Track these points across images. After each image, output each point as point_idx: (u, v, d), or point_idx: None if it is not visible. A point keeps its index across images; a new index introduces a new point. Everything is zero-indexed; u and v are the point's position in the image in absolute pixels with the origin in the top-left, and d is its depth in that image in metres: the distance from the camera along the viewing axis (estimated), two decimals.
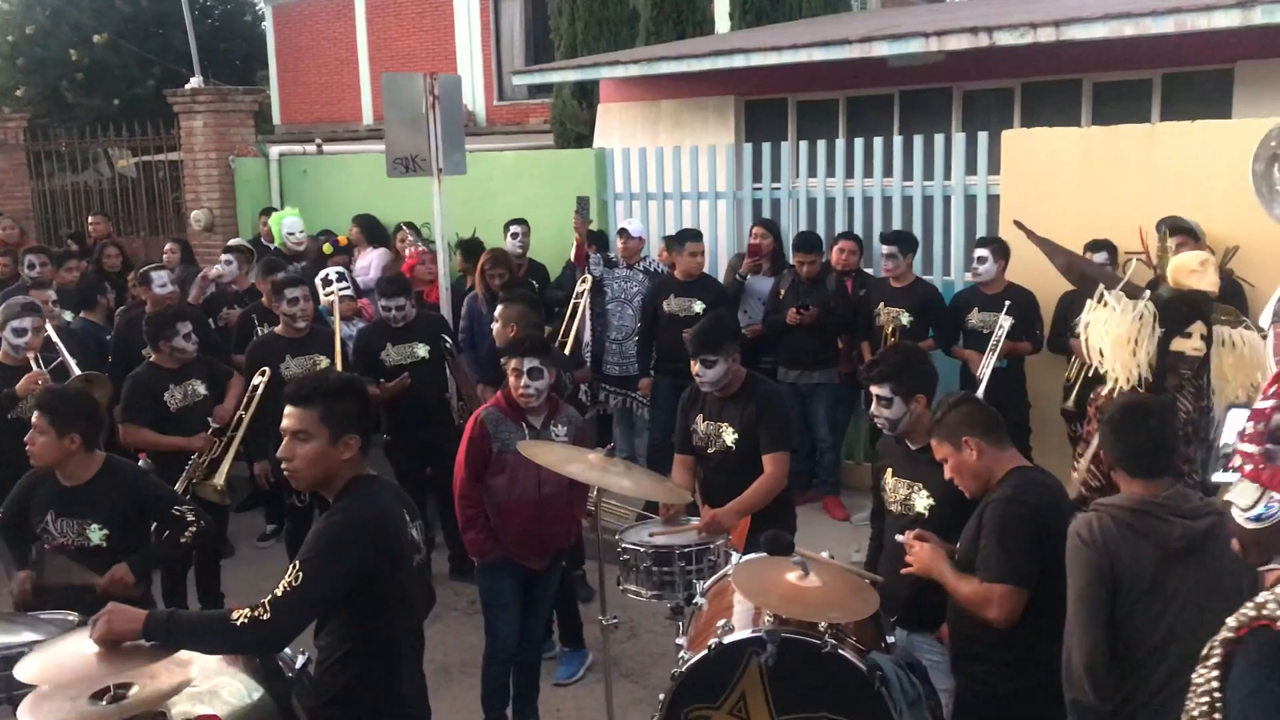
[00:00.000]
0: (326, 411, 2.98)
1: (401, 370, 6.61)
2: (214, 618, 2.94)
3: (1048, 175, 7.08)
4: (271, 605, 2.83)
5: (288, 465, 3.05)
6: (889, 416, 3.96)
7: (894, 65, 9.56)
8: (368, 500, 2.99)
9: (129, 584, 4.16)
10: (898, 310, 7.10)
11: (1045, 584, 3.30)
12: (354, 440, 3.00)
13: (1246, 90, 8.60)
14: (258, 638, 2.86)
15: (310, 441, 2.98)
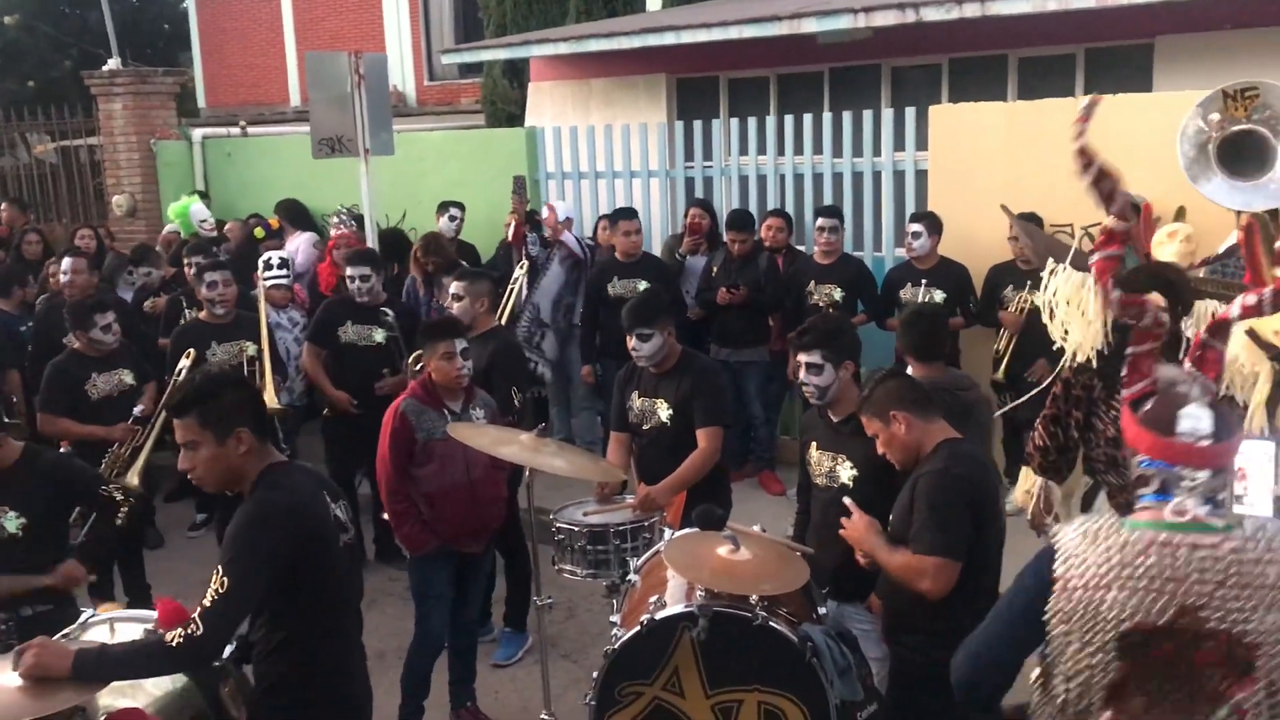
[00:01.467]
0: (204, 416, 2.91)
1: (353, 349, 6.52)
2: (147, 645, 2.87)
3: (974, 150, 7.16)
4: (203, 618, 2.78)
5: (191, 475, 3.00)
6: (818, 384, 3.98)
7: (823, 42, 9.58)
8: (281, 488, 2.94)
9: (80, 578, 4.08)
10: (830, 287, 7.14)
11: (976, 555, 3.34)
12: (244, 434, 2.93)
13: (1166, 64, 8.75)
14: (195, 654, 2.82)
15: (201, 448, 2.93)
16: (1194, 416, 2.27)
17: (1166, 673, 2.21)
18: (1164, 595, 2.18)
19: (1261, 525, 2.20)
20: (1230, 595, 2.14)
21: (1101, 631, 2.24)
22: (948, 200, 7.21)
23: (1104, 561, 2.24)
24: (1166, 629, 2.19)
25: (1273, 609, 2.11)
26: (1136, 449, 2.33)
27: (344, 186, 8.88)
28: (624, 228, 7.37)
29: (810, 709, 3.20)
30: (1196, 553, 2.18)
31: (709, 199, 8.47)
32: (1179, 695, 2.22)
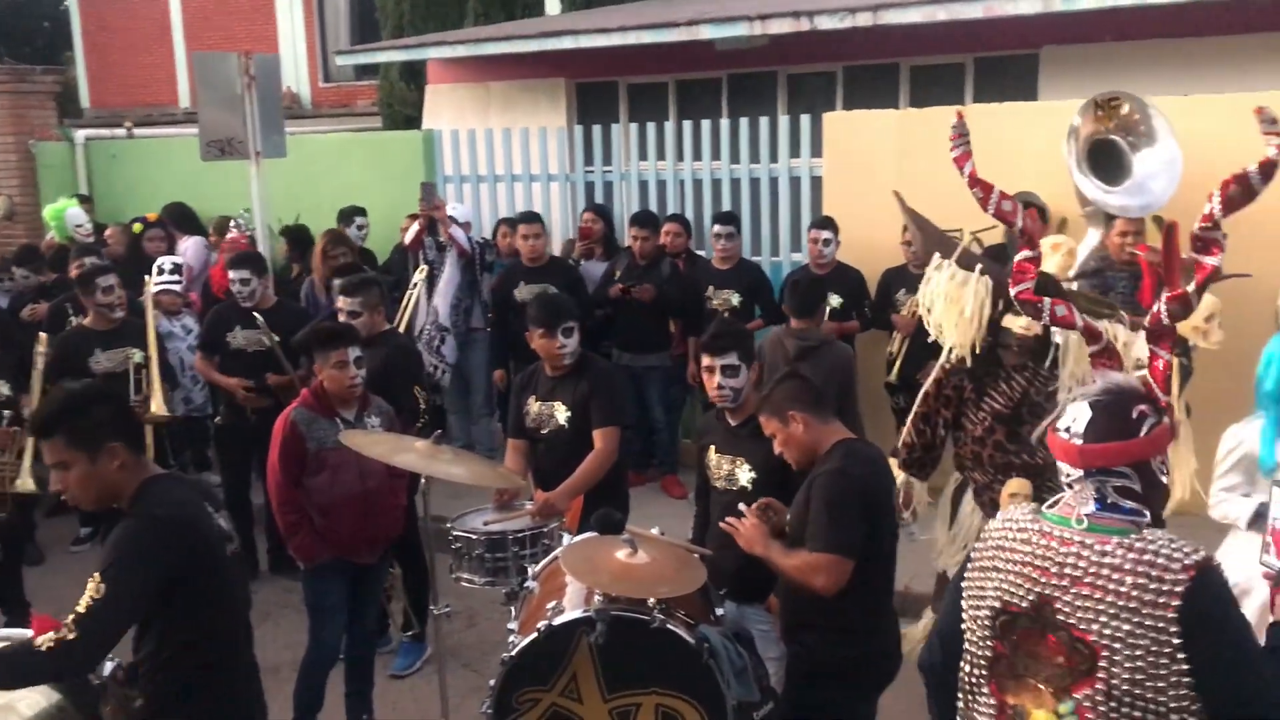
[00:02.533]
0: (71, 435, 2.82)
1: (242, 355, 6.35)
2: (15, 651, 2.76)
3: (867, 157, 7.28)
4: (77, 624, 2.68)
5: (66, 495, 2.91)
6: (734, 386, 4.01)
7: (721, 48, 9.66)
8: (161, 500, 2.85)
9: None
10: (728, 292, 7.21)
11: (872, 554, 3.39)
12: (117, 448, 2.84)
13: (1051, 73, 9.02)
14: (70, 661, 2.71)
15: (72, 468, 2.83)
16: (1072, 414, 2.34)
17: (1029, 655, 2.29)
18: (1027, 582, 2.29)
19: (1149, 536, 2.21)
20: (1084, 594, 2.20)
21: (982, 610, 2.37)
22: (842, 206, 7.32)
23: (995, 546, 2.38)
24: (1030, 614, 2.28)
25: (1119, 617, 2.15)
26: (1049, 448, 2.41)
27: (235, 190, 8.66)
28: (524, 231, 7.33)
29: (707, 710, 3.21)
30: (1067, 548, 2.25)
31: (609, 204, 8.49)
32: (1038, 680, 2.29)
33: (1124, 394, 2.35)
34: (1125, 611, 2.15)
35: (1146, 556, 2.16)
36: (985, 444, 4.41)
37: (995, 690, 2.37)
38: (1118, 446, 2.28)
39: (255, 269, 6.42)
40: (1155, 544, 2.18)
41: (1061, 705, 2.24)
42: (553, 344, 4.74)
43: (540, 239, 7.38)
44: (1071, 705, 2.23)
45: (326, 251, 7.26)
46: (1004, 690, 2.35)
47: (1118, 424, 2.29)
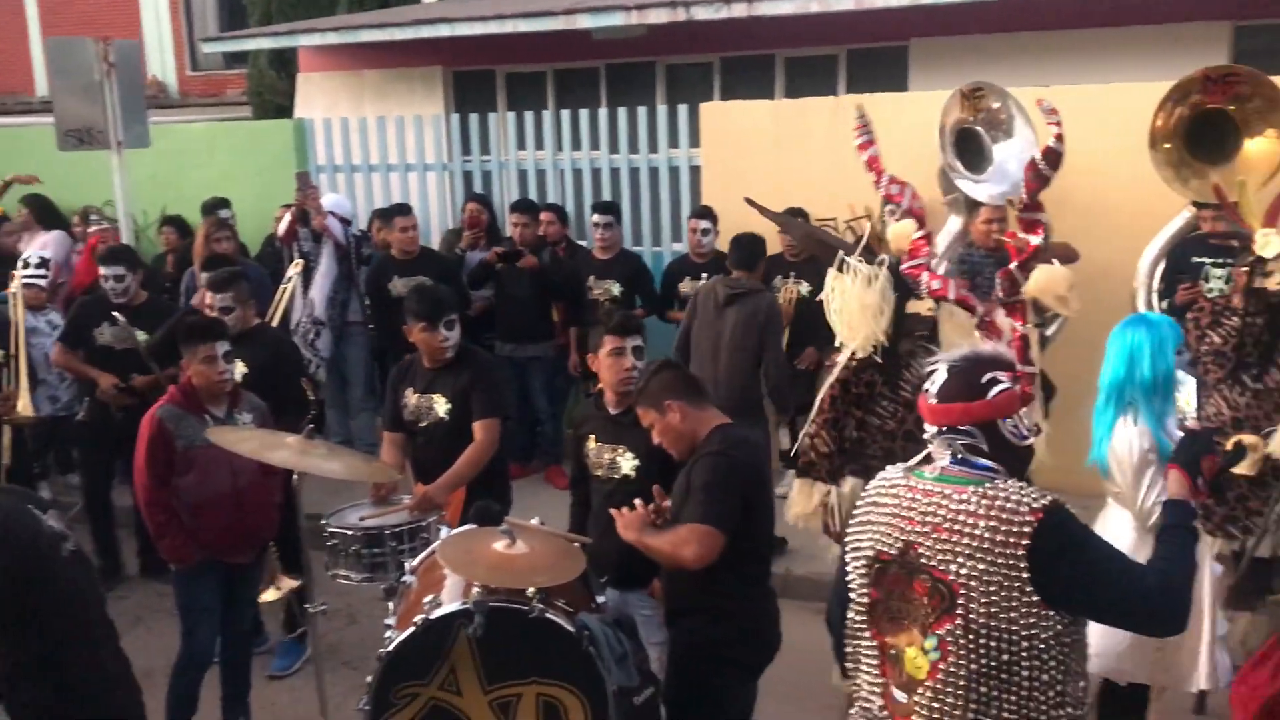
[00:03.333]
0: None
1: (111, 353, 6.11)
2: None
3: (744, 147, 7.37)
4: None
5: None
6: (642, 367, 4.00)
7: (598, 38, 9.67)
8: None
9: None
10: (609, 282, 7.22)
11: (748, 534, 3.43)
12: None
13: (920, 65, 9.26)
14: None
15: None
16: (935, 377, 2.56)
17: (901, 598, 2.49)
18: (895, 530, 2.49)
19: (1002, 487, 2.40)
20: (943, 538, 2.40)
21: (860, 560, 2.57)
22: (720, 195, 7.39)
23: (870, 501, 2.59)
24: (898, 559, 2.48)
25: (974, 558, 2.35)
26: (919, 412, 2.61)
27: (98, 181, 8.35)
28: (399, 224, 7.22)
29: (588, 697, 3.21)
30: (930, 499, 2.45)
31: (488, 193, 8.42)
32: (909, 620, 2.48)
33: (978, 360, 2.54)
34: (979, 552, 2.34)
35: (998, 503, 2.36)
36: (896, 436, 4.48)
37: (876, 634, 2.55)
38: (961, 407, 2.49)
39: (129, 264, 6.19)
40: (1005, 492, 2.38)
41: (926, 642, 2.43)
42: (435, 337, 4.68)
43: (414, 231, 7.27)
44: (935, 641, 2.41)
45: (210, 237, 7.03)
46: (883, 633, 2.53)
47: (965, 387, 2.49)
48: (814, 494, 4.37)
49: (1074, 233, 5.73)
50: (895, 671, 2.51)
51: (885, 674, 2.54)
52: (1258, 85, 5.69)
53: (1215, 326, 4.82)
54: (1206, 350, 4.84)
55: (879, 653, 2.55)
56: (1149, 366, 3.78)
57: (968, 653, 2.36)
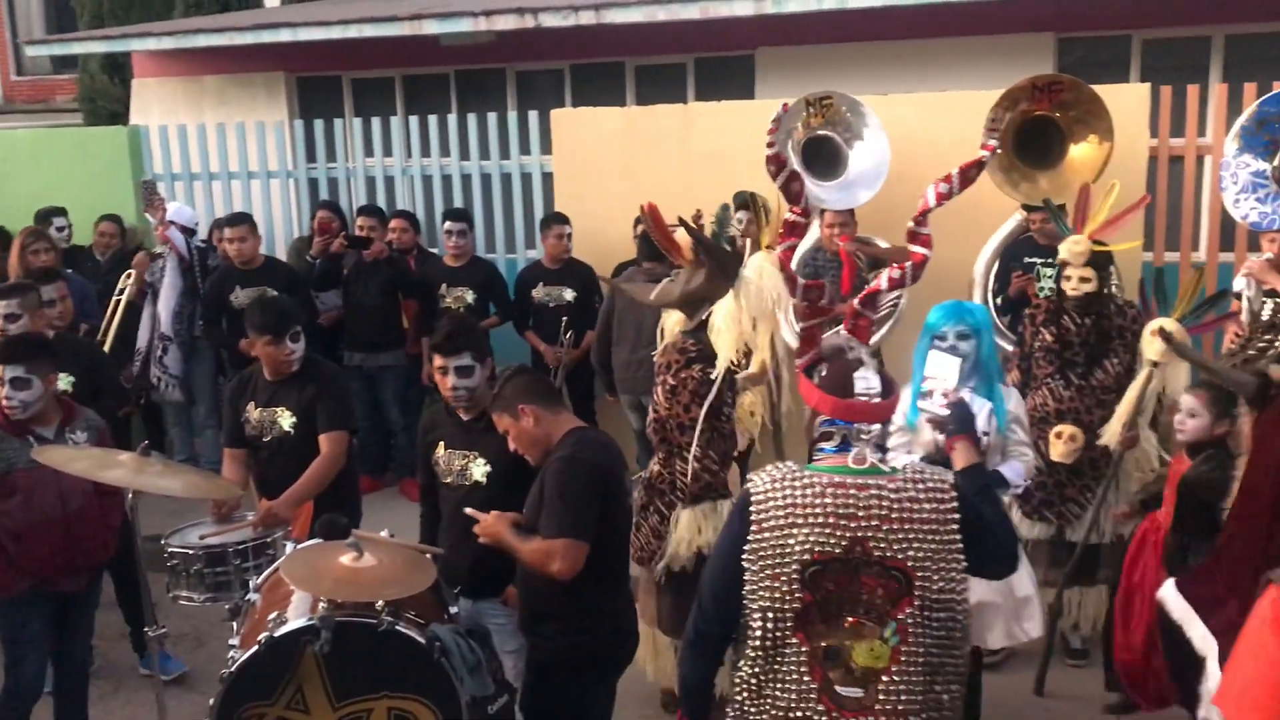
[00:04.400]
0: None
1: None
2: None
3: (595, 153, 7.38)
4: None
5: None
6: (469, 386, 3.90)
7: (446, 44, 9.56)
8: None
9: None
10: (462, 289, 7.14)
11: (606, 537, 3.42)
12: None
13: (767, 73, 9.45)
14: None
15: None
16: (866, 379, 2.68)
17: (841, 597, 2.55)
18: (839, 529, 2.54)
19: (919, 469, 2.61)
20: (894, 528, 2.53)
21: (787, 565, 2.56)
22: (573, 201, 7.39)
23: (789, 504, 2.57)
24: (842, 558, 2.54)
25: (924, 539, 2.53)
26: (820, 411, 2.70)
27: None
28: (228, 234, 6.96)
29: (441, 708, 3.16)
30: (866, 493, 2.56)
31: (335, 200, 8.24)
32: (852, 617, 2.56)
33: (871, 352, 2.85)
34: (928, 533, 2.54)
35: (927, 484, 2.58)
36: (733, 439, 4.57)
37: (803, 638, 2.57)
38: (890, 404, 2.73)
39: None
40: (923, 473, 2.61)
41: (885, 630, 2.54)
42: (280, 351, 4.54)
43: (249, 241, 6.97)
44: (894, 627, 2.54)
45: (26, 248, 6.65)
46: (813, 636, 2.57)
47: (892, 379, 2.75)
48: (720, 514, 4.29)
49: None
50: (838, 671, 2.55)
51: (817, 678, 2.56)
52: (1080, 94, 6.01)
53: (1048, 325, 5.05)
54: (1039, 346, 5.08)
55: (808, 657, 2.57)
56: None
57: (924, 631, 2.54)
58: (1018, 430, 4.16)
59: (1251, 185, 5.68)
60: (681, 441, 4.35)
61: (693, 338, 4.38)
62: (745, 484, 2.68)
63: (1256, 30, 8.53)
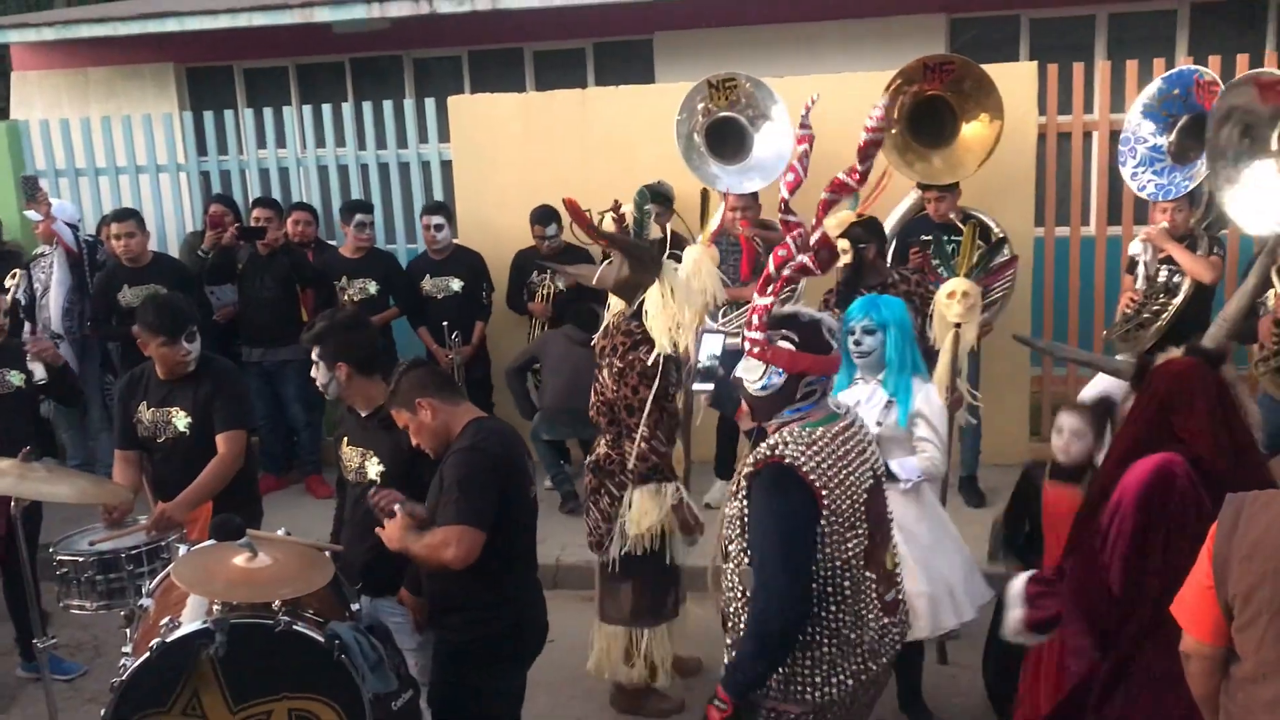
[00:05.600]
0: None
1: None
2: None
3: (493, 140, 7.31)
4: None
5: None
6: (320, 380, 3.91)
7: (340, 31, 9.39)
8: None
9: None
10: (363, 281, 7.02)
11: (509, 527, 3.40)
12: None
13: (665, 57, 9.46)
14: None
15: None
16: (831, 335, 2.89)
17: (874, 521, 2.82)
18: (863, 464, 2.83)
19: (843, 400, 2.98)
20: (875, 448, 2.92)
21: (856, 512, 2.76)
22: (471, 190, 7.33)
23: (830, 460, 2.74)
24: (871, 487, 2.82)
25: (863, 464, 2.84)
26: (809, 371, 2.83)
27: None
28: (113, 230, 6.73)
29: (343, 707, 3.10)
30: (855, 426, 2.90)
31: (229, 193, 8.04)
32: (880, 533, 2.86)
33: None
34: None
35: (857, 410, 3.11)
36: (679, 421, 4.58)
37: (873, 569, 2.81)
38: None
39: None
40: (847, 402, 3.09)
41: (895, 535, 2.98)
42: (176, 351, 4.42)
43: (136, 237, 6.73)
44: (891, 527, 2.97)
45: None
46: (874, 565, 2.81)
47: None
48: (664, 496, 4.34)
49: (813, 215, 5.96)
50: (884, 585, 2.84)
51: (881, 599, 2.82)
52: (970, 73, 6.12)
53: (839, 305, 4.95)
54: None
55: (877, 581, 2.82)
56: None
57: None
58: (921, 425, 4.15)
59: (1149, 159, 5.86)
60: (630, 423, 4.33)
61: (636, 320, 4.38)
62: (776, 461, 2.72)
63: (1138, 9, 8.79)
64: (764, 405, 2.90)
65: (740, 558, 2.81)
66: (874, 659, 2.80)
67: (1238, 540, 2.39)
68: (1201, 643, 2.50)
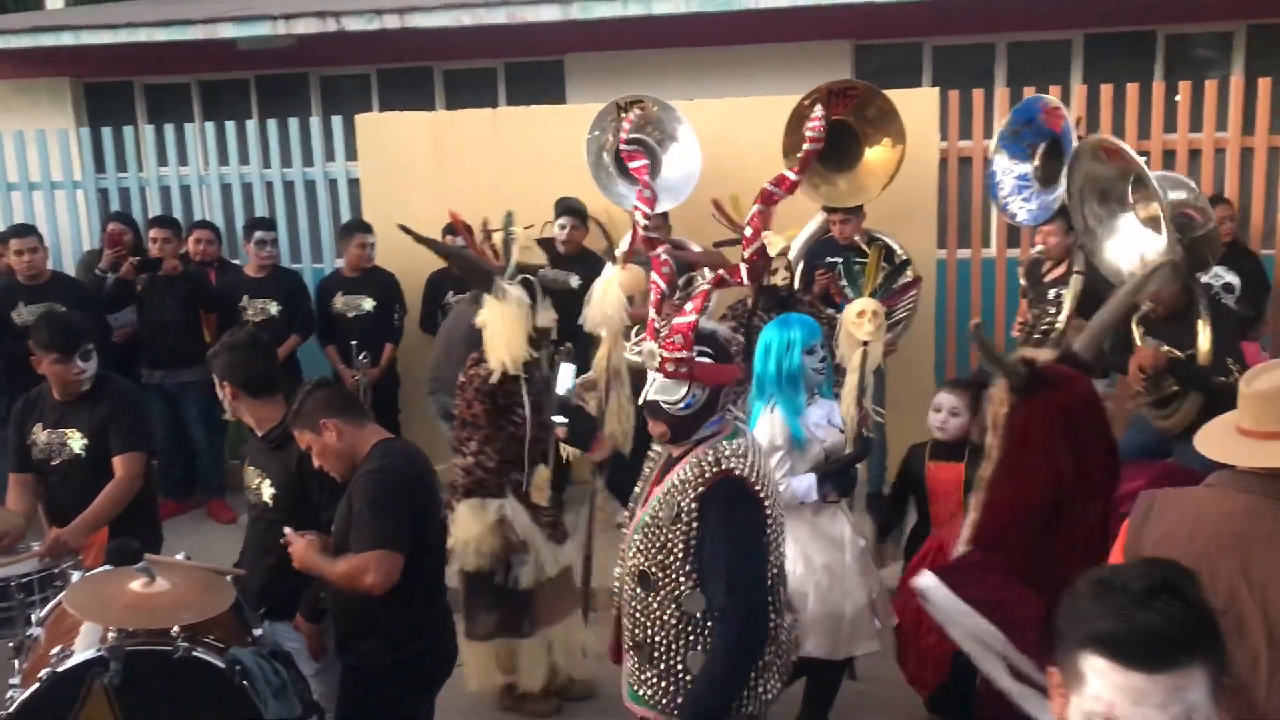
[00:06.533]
0: None
1: None
2: None
3: (402, 159, 7.25)
4: None
5: None
6: (223, 403, 3.86)
7: (244, 48, 9.23)
8: None
9: None
10: (265, 301, 6.90)
11: (418, 549, 3.35)
12: None
13: (577, 78, 9.48)
14: None
15: None
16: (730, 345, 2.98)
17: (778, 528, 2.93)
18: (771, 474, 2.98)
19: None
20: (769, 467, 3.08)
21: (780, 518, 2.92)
22: (380, 208, 7.24)
23: (763, 470, 2.88)
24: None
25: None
26: (729, 382, 2.94)
27: None
28: (14, 246, 6.54)
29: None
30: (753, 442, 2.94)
31: (129, 211, 7.84)
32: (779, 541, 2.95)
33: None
34: None
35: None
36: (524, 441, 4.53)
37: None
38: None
39: None
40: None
41: None
42: (69, 370, 4.29)
43: (37, 254, 6.56)
44: None
45: None
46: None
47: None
48: (487, 512, 4.35)
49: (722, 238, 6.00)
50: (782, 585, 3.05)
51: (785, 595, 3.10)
52: (873, 98, 6.25)
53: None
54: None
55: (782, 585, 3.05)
56: (774, 362, 4.03)
57: None
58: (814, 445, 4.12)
59: (1017, 187, 6.06)
60: (461, 436, 4.36)
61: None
62: (727, 475, 2.78)
63: (1036, 39, 9.07)
64: (687, 424, 2.89)
65: (678, 583, 2.82)
66: (789, 657, 2.94)
67: (1148, 532, 2.49)
68: None
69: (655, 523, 2.86)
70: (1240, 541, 2.36)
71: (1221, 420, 2.59)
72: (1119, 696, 1.48)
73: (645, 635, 2.89)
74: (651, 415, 2.95)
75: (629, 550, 2.97)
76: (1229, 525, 2.39)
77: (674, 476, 2.88)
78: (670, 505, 2.83)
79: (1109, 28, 8.91)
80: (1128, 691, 1.48)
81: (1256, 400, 2.47)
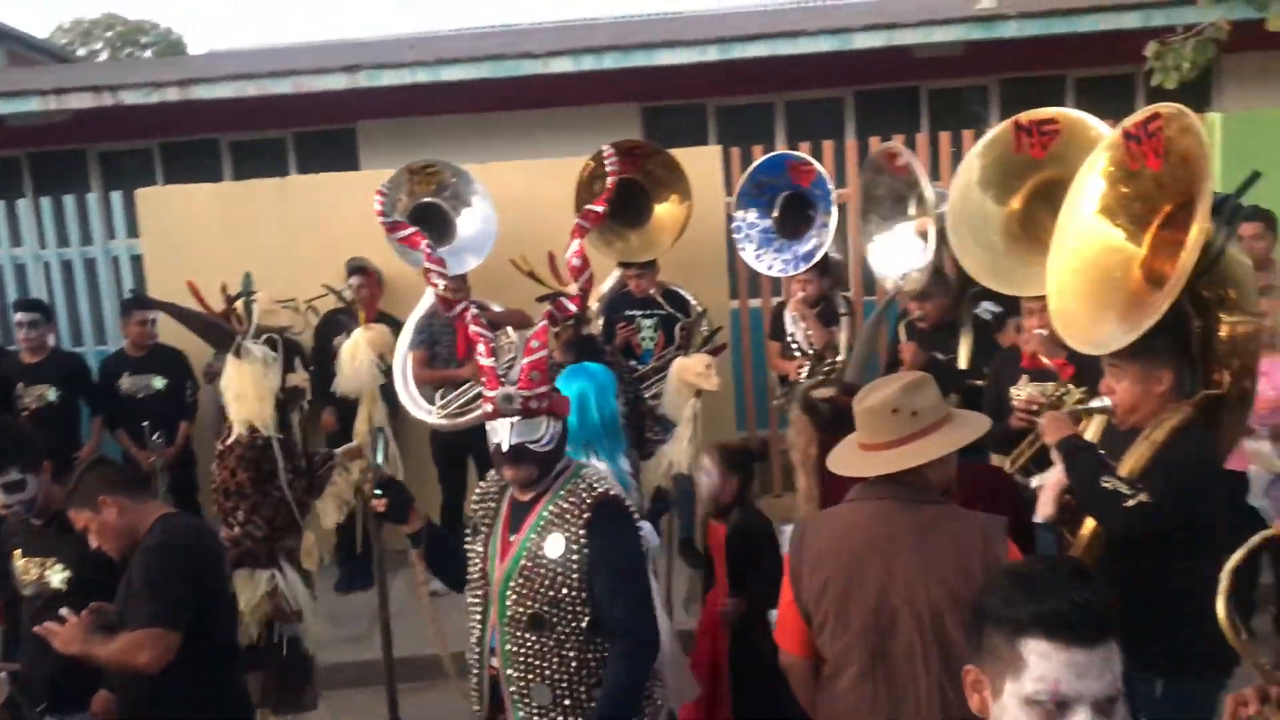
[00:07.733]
0: None
1: None
2: None
3: (188, 232, 7.03)
4: None
5: None
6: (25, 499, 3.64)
7: (15, 125, 8.82)
8: None
9: None
10: (42, 387, 6.52)
11: (205, 625, 3.24)
12: None
13: (369, 146, 9.47)
14: None
15: None
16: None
17: None
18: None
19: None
20: None
21: None
22: (165, 284, 6.96)
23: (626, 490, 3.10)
24: None
25: None
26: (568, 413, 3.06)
27: None
28: None
29: None
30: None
31: None
32: None
33: None
34: None
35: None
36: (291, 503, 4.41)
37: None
38: None
39: None
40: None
41: None
42: None
43: None
44: None
45: None
46: None
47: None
48: (256, 583, 4.16)
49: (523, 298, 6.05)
50: None
51: None
52: (659, 157, 6.47)
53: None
54: None
55: None
56: (595, 411, 3.92)
57: None
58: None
59: (765, 240, 6.31)
60: (226, 506, 4.18)
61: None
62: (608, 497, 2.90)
63: (812, 97, 9.58)
64: (550, 459, 2.93)
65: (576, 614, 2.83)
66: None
67: (806, 552, 2.73)
68: (792, 654, 2.81)
69: (536, 564, 2.85)
70: (879, 544, 2.63)
71: (848, 439, 2.84)
72: (1064, 672, 1.60)
73: (544, 678, 2.85)
74: (514, 462, 2.88)
75: (502, 601, 2.90)
76: (868, 531, 2.66)
77: (543, 514, 2.89)
78: (553, 541, 2.85)
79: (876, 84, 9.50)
80: (1071, 666, 1.60)
81: (865, 416, 2.73)
